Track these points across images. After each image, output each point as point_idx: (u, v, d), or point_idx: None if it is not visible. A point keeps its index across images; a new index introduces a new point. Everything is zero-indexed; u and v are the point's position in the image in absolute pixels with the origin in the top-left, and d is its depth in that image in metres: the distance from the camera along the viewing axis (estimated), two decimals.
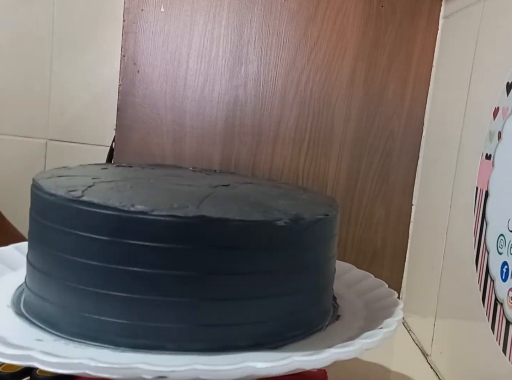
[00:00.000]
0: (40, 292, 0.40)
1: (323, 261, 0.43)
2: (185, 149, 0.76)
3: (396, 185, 0.78)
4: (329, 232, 0.44)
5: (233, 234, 0.36)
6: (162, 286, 0.35)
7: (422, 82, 0.76)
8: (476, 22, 0.61)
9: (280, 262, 0.39)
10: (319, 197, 0.52)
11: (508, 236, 0.48)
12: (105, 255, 0.36)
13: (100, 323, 0.36)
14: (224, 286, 0.37)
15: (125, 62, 0.75)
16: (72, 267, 0.37)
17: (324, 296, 0.45)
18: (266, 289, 0.38)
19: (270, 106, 0.76)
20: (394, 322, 0.40)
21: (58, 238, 0.38)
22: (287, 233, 0.39)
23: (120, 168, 0.53)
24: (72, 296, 0.37)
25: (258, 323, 0.38)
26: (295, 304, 0.40)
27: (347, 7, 0.75)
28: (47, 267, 0.39)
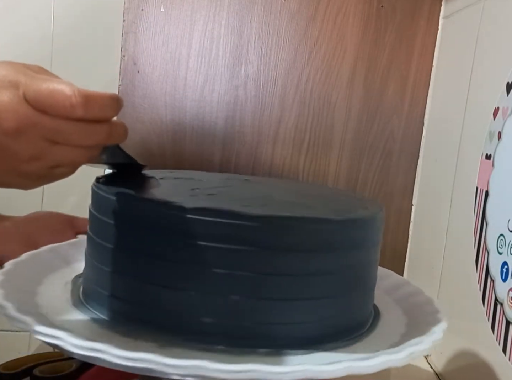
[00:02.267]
0: (109, 289, 0.40)
1: (370, 263, 0.44)
2: (185, 149, 0.76)
3: (396, 185, 0.78)
4: (377, 234, 0.44)
5: (290, 235, 0.37)
6: (224, 285, 0.36)
7: (422, 82, 0.76)
8: (476, 22, 0.61)
9: (332, 263, 0.39)
10: (363, 199, 0.52)
11: (508, 236, 0.48)
12: (176, 253, 0.37)
13: (165, 317, 0.37)
14: (278, 287, 0.37)
15: (125, 62, 0.75)
16: (150, 266, 0.38)
17: (368, 299, 0.45)
18: (313, 291, 0.38)
19: (270, 106, 0.76)
20: (439, 331, 0.40)
21: (130, 237, 0.39)
22: (343, 232, 0.39)
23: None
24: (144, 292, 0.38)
25: (302, 324, 0.38)
26: (341, 306, 0.40)
27: (347, 7, 0.75)
28: (120, 265, 0.39)
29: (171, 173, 0.52)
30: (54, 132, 0.32)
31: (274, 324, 0.37)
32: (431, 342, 0.38)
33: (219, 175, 0.57)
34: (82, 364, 0.51)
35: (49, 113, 0.31)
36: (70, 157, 0.34)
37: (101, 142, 0.35)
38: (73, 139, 0.33)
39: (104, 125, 0.34)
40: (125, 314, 0.39)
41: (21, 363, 0.53)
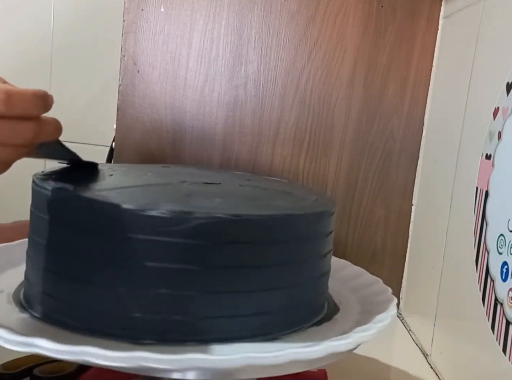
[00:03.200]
0: (43, 288, 0.40)
1: (320, 255, 0.44)
2: (185, 149, 0.76)
3: (396, 185, 0.78)
4: (326, 228, 0.45)
5: (230, 229, 0.37)
6: (166, 279, 0.36)
7: (422, 82, 0.76)
8: (476, 22, 0.61)
9: (278, 256, 0.40)
10: (316, 194, 0.52)
11: (508, 236, 0.48)
12: (106, 250, 0.37)
13: (100, 316, 0.37)
14: (223, 280, 0.37)
15: (125, 62, 0.75)
16: (79, 264, 0.38)
17: (320, 290, 0.46)
18: (263, 283, 0.39)
19: (270, 106, 0.76)
20: (387, 317, 0.41)
21: (61, 233, 0.39)
22: (286, 227, 0.40)
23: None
24: (75, 291, 0.38)
25: (254, 315, 0.39)
26: (292, 297, 0.41)
27: (347, 7, 0.75)
28: (46, 261, 0.39)
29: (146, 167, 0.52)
30: None
31: (220, 317, 0.38)
32: (377, 329, 0.39)
33: (188, 168, 0.57)
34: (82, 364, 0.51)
35: None
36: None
37: (29, 141, 0.34)
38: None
39: (31, 123, 0.33)
40: (58, 312, 0.39)
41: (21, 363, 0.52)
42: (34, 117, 0.34)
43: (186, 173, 0.53)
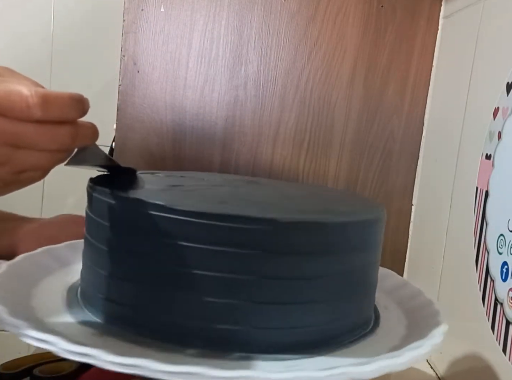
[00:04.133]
0: (105, 292, 0.40)
1: (371, 265, 0.43)
2: (185, 149, 0.76)
3: (396, 185, 0.78)
4: (378, 236, 0.43)
5: (285, 237, 0.36)
6: (215, 288, 0.36)
7: (422, 82, 0.76)
8: (476, 22, 0.61)
9: (332, 266, 0.39)
10: (365, 200, 0.52)
11: (508, 236, 0.48)
12: (162, 257, 0.36)
13: (149, 319, 0.37)
14: (273, 290, 0.37)
15: (125, 62, 0.75)
16: (142, 268, 0.38)
17: (368, 302, 0.44)
18: (314, 294, 0.38)
19: (270, 106, 0.76)
20: (439, 334, 0.39)
21: (116, 237, 0.39)
22: (334, 236, 0.38)
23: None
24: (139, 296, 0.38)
25: (302, 328, 0.38)
26: (341, 310, 0.40)
27: (347, 7, 0.75)
28: (115, 268, 0.39)
29: (177, 173, 0.52)
30: (15, 136, 0.31)
31: (269, 328, 0.37)
32: (430, 346, 0.37)
33: (222, 176, 0.57)
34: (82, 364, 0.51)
35: (8, 116, 0.30)
36: (35, 161, 0.33)
37: (66, 145, 0.33)
38: (34, 143, 0.32)
39: (68, 127, 0.33)
40: (119, 318, 0.38)
41: (21, 363, 0.53)
42: (70, 121, 0.33)
43: (230, 180, 0.53)
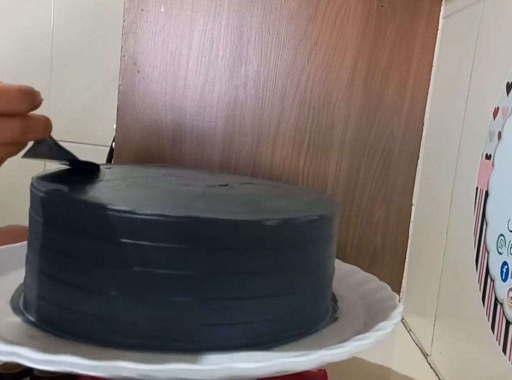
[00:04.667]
0: (37, 290, 0.40)
1: (318, 261, 0.43)
2: (185, 149, 0.76)
3: (396, 185, 0.78)
4: (324, 232, 0.43)
5: (224, 234, 0.36)
6: (154, 285, 0.36)
7: (422, 82, 0.76)
8: (476, 22, 0.61)
9: (272, 262, 0.39)
10: (319, 197, 0.52)
11: (508, 236, 0.48)
12: (97, 254, 0.36)
13: (90, 320, 0.37)
14: (217, 286, 0.37)
15: (125, 62, 0.75)
16: (69, 267, 0.37)
17: (321, 297, 0.44)
18: (259, 290, 0.38)
19: (270, 106, 0.76)
20: (389, 325, 0.40)
21: (54, 236, 0.38)
22: (277, 233, 0.39)
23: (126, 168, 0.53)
24: (66, 294, 0.38)
25: (251, 323, 0.38)
26: (290, 304, 0.40)
27: (347, 7, 0.75)
28: (44, 266, 0.39)
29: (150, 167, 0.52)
30: None
31: (219, 324, 0.37)
32: (376, 337, 0.38)
33: (202, 173, 0.57)
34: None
35: None
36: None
37: (15, 138, 0.33)
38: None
39: (17, 120, 0.33)
40: (52, 317, 0.38)
41: None
42: (20, 114, 0.33)
43: (186, 176, 0.53)
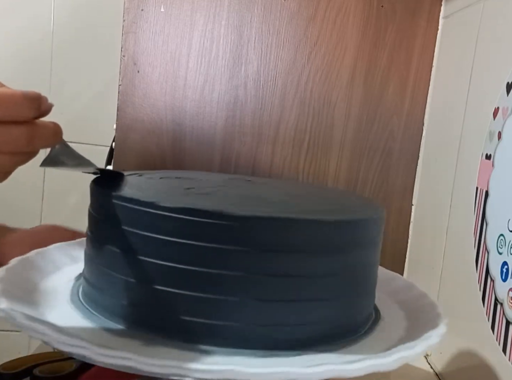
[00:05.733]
0: (97, 283, 0.41)
1: (366, 265, 0.43)
2: (185, 149, 0.76)
3: (396, 185, 0.78)
4: (374, 236, 0.43)
5: (278, 235, 0.36)
6: (207, 285, 0.36)
7: (422, 82, 0.76)
8: (476, 22, 0.61)
9: (322, 265, 0.38)
10: (365, 201, 0.52)
11: (508, 236, 0.48)
12: (158, 252, 0.37)
13: (149, 317, 0.38)
14: (265, 287, 0.37)
15: (125, 62, 0.75)
16: (128, 263, 0.38)
17: (366, 302, 0.44)
18: (307, 292, 0.38)
19: (270, 106, 0.76)
20: (436, 336, 0.39)
21: (116, 235, 0.39)
22: (333, 234, 0.38)
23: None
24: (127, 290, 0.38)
25: (294, 326, 0.38)
26: (336, 309, 0.40)
27: (347, 7, 0.75)
28: (104, 261, 0.40)
29: (172, 173, 0.52)
30: None
31: (267, 325, 0.37)
32: (424, 347, 0.37)
33: (221, 175, 0.57)
34: (82, 364, 0.51)
35: None
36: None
37: (22, 147, 0.32)
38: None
39: (23, 127, 0.31)
40: (125, 316, 0.39)
41: (21, 363, 0.52)
42: (26, 121, 0.31)
43: (221, 179, 0.53)
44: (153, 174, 0.50)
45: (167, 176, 0.50)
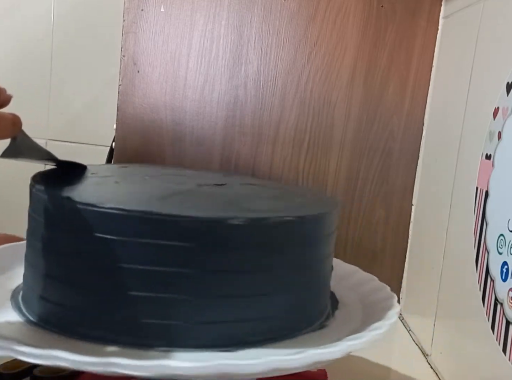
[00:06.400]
0: (36, 289, 0.40)
1: (313, 260, 0.43)
2: (185, 149, 0.76)
3: (396, 185, 0.78)
4: (317, 232, 0.43)
5: (222, 233, 0.37)
6: (154, 283, 0.36)
7: (422, 82, 0.76)
8: (476, 22, 0.61)
9: (271, 260, 0.39)
10: (317, 196, 0.52)
11: (508, 236, 0.48)
12: (86, 251, 0.37)
13: (95, 320, 0.37)
14: (218, 284, 0.37)
15: (125, 62, 0.75)
16: (66, 265, 0.38)
17: (318, 295, 0.44)
18: (253, 288, 0.38)
19: (270, 106, 0.76)
20: (385, 325, 0.40)
21: (52, 235, 0.39)
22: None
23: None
24: (67, 293, 0.38)
25: (244, 322, 0.38)
26: (285, 303, 0.40)
27: (347, 7, 0.75)
28: (44, 264, 0.39)
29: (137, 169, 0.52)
30: None
31: (215, 322, 0.37)
32: (371, 337, 0.38)
33: (192, 172, 0.57)
34: None
35: None
36: None
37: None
38: None
39: None
40: (53, 316, 0.39)
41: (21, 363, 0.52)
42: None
43: (188, 175, 0.53)
44: (116, 171, 0.50)
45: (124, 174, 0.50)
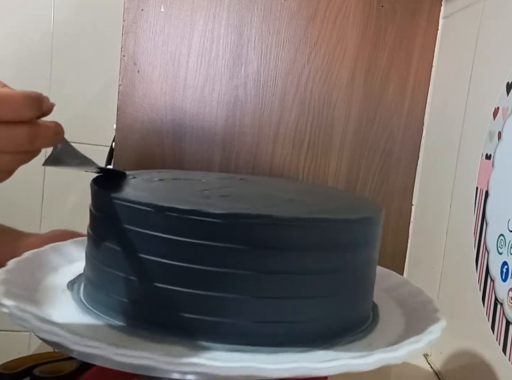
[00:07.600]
0: (97, 281, 0.41)
1: (370, 262, 0.43)
2: (185, 149, 0.76)
3: (396, 185, 0.78)
4: (373, 234, 0.44)
5: (281, 233, 0.37)
6: (216, 283, 0.36)
7: (422, 82, 0.76)
8: (476, 22, 0.61)
9: (333, 262, 0.39)
10: (363, 199, 0.52)
11: (508, 236, 0.48)
12: (161, 251, 0.37)
13: (150, 314, 0.38)
14: (275, 285, 0.37)
15: (125, 62, 0.75)
16: (131, 262, 0.38)
17: (367, 298, 0.44)
18: (307, 290, 0.38)
19: (270, 106, 0.76)
20: (437, 330, 0.40)
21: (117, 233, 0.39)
22: (333, 233, 0.39)
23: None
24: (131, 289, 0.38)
25: (297, 323, 0.38)
26: (337, 306, 0.40)
27: (347, 7, 0.75)
28: (104, 259, 0.40)
29: (167, 173, 0.52)
30: None
31: (271, 322, 0.37)
32: (428, 341, 0.38)
33: (216, 174, 0.57)
34: (82, 364, 0.51)
35: None
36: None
37: (24, 146, 0.32)
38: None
39: (25, 127, 0.31)
40: (128, 314, 0.39)
41: (21, 363, 0.52)
42: (28, 120, 0.32)
43: (214, 178, 0.53)
44: (151, 174, 0.50)
45: (165, 177, 0.50)
